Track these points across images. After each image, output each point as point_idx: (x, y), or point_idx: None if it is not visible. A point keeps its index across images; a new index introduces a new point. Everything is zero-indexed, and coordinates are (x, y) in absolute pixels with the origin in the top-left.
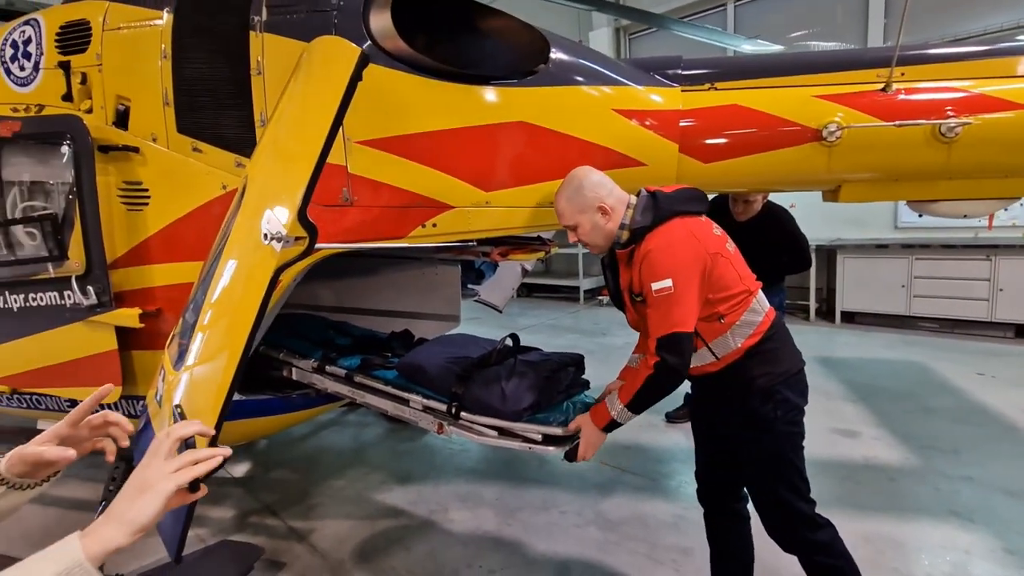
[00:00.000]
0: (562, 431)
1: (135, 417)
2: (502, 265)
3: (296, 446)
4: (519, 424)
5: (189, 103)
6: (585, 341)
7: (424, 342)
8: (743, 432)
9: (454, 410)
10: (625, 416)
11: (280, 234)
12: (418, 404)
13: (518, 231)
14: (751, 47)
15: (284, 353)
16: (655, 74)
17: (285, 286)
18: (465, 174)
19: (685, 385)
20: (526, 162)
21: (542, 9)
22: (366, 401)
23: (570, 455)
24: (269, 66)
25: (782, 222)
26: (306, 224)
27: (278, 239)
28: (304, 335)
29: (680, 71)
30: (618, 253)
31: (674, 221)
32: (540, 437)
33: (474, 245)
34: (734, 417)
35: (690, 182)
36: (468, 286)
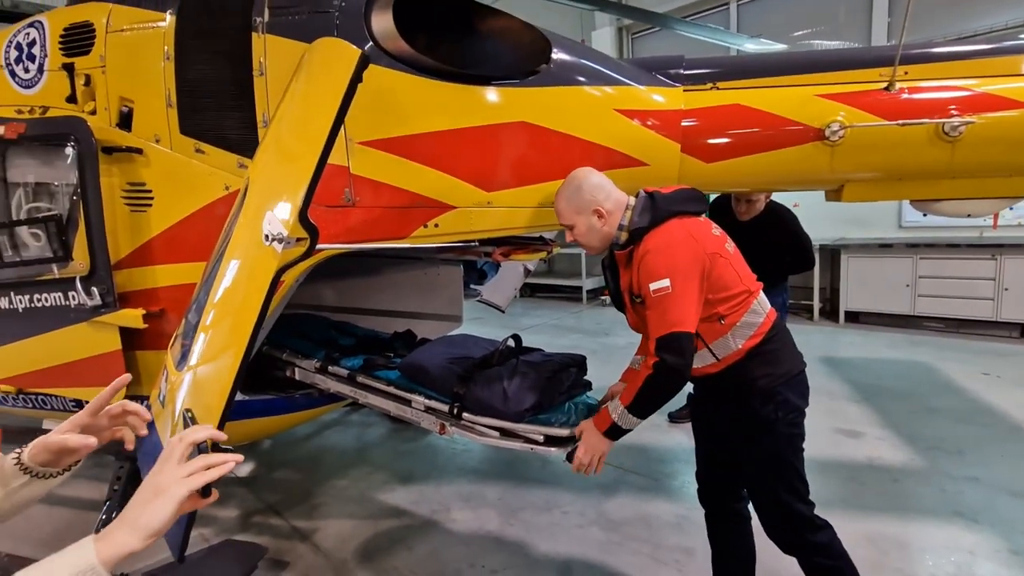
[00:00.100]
0: (566, 432)
1: None
2: (504, 265)
3: (299, 446)
4: (521, 425)
5: (192, 104)
6: (588, 341)
7: (426, 342)
8: (743, 433)
9: (456, 411)
10: (627, 420)
11: (281, 235)
12: (420, 404)
13: (520, 231)
14: (754, 46)
15: (287, 353)
16: (657, 74)
17: (288, 286)
18: (467, 174)
19: (688, 385)
20: (528, 162)
21: (544, 9)
22: (368, 401)
23: (572, 456)
24: (271, 67)
25: (785, 222)
26: (307, 225)
27: (279, 240)
28: (307, 335)
29: (682, 71)
30: (617, 254)
31: (672, 222)
32: (542, 438)
33: (476, 245)
34: (734, 418)
35: (692, 182)
36: (470, 286)
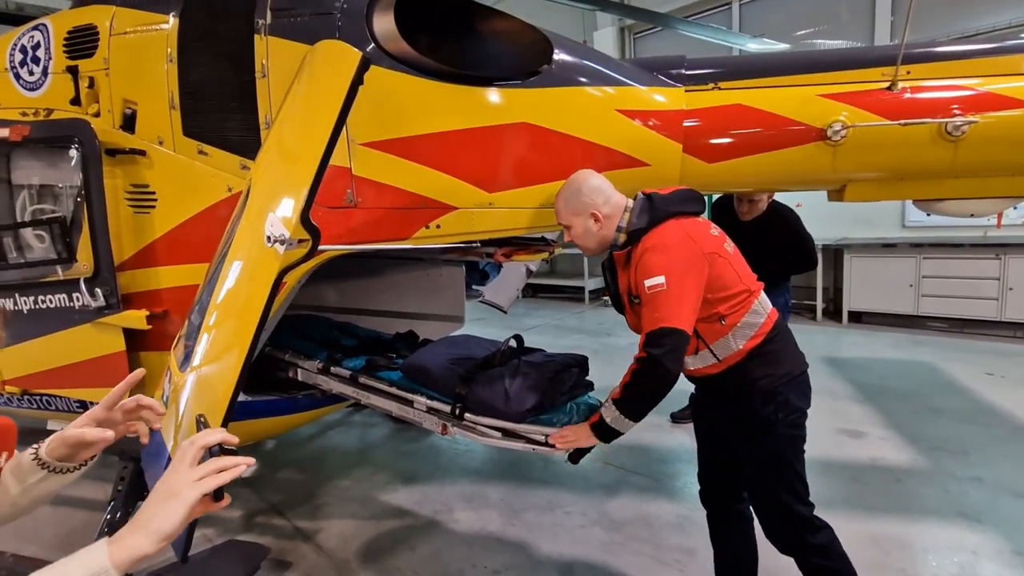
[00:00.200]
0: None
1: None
2: (506, 266)
3: (302, 446)
4: (522, 425)
5: (195, 106)
6: (590, 341)
7: (428, 343)
8: (743, 433)
9: (458, 411)
10: (614, 416)
11: (283, 236)
12: (422, 405)
13: (522, 232)
14: (756, 46)
15: (290, 354)
16: (658, 74)
17: (290, 287)
18: (468, 175)
19: (690, 386)
20: (529, 163)
21: (546, 9)
22: (370, 402)
23: (573, 456)
24: (274, 69)
25: (788, 221)
26: (309, 227)
27: (281, 242)
28: (309, 336)
29: (683, 71)
30: (616, 255)
31: (670, 222)
32: (544, 438)
33: (478, 246)
34: (735, 418)
35: (694, 182)
36: (473, 287)
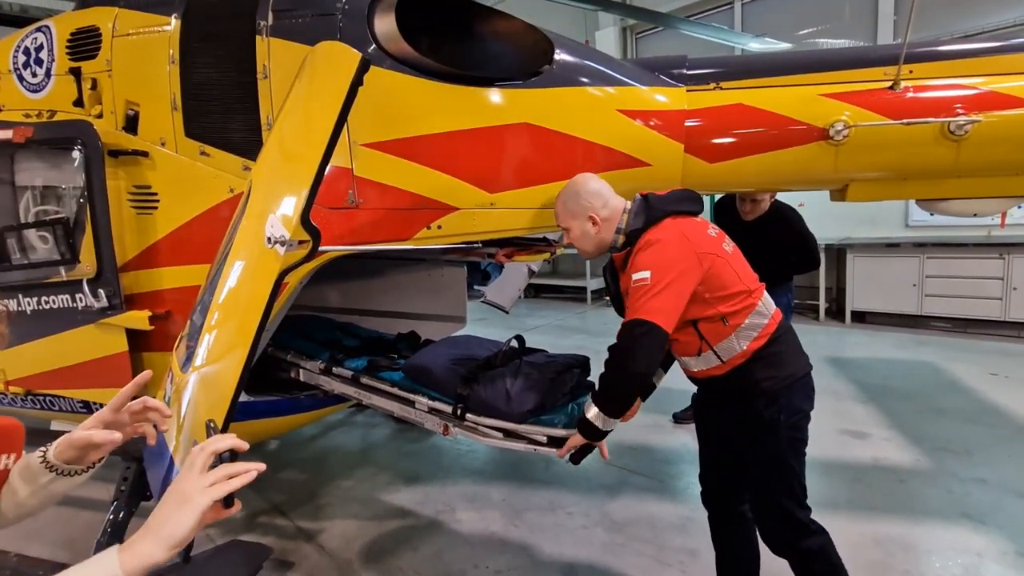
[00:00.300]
0: (566, 433)
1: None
2: (508, 266)
3: (304, 447)
4: (524, 426)
5: (197, 107)
6: (592, 342)
7: (430, 343)
8: (747, 434)
9: (459, 412)
10: (592, 409)
11: (283, 238)
12: (424, 406)
13: (523, 232)
14: (758, 45)
15: (292, 354)
16: (660, 74)
17: (292, 288)
18: (470, 176)
19: (691, 385)
20: (531, 163)
21: (548, 10)
22: (372, 403)
23: (575, 457)
24: (275, 70)
25: (790, 221)
26: (309, 228)
27: (281, 243)
28: (311, 336)
29: (685, 71)
30: (615, 257)
31: (666, 221)
32: (545, 439)
33: (479, 247)
34: (739, 419)
35: (696, 182)
36: (474, 287)
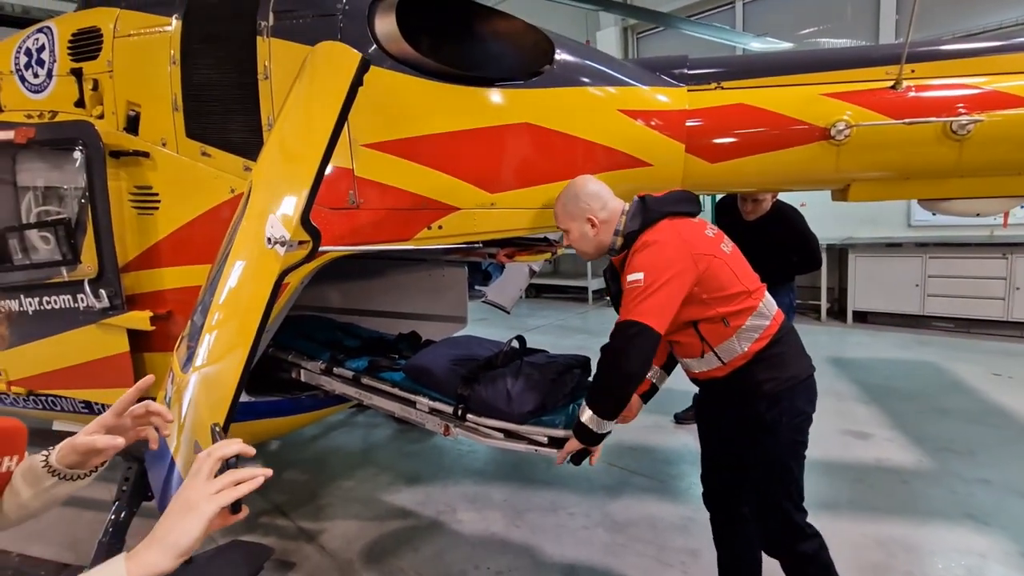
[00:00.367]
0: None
1: None
2: (509, 266)
3: (305, 447)
4: (524, 426)
5: (198, 108)
6: (593, 342)
7: (431, 344)
8: (749, 436)
9: (460, 412)
10: (585, 412)
11: (283, 238)
12: (424, 406)
13: (524, 232)
14: (760, 45)
15: (293, 355)
16: (661, 74)
17: (293, 288)
18: (470, 176)
19: (692, 386)
20: (531, 163)
21: (548, 10)
22: (373, 403)
23: (575, 458)
24: (276, 71)
25: (792, 221)
26: (309, 228)
27: (281, 243)
28: (312, 337)
29: (686, 71)
30: (614, 260)
31: (663, 222)
32: (546, 439)
33: (480, 247)
34: (740, 420)
35: (697, 182)
36: (475, 287)
